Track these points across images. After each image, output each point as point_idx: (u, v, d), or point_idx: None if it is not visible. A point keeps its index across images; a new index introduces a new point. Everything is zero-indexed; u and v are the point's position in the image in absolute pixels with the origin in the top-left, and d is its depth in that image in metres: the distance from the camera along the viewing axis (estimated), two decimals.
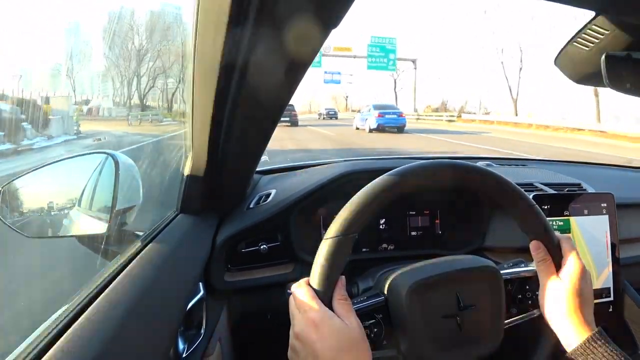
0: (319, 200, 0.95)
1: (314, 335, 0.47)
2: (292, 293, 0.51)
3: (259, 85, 0.54)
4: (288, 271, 0.92)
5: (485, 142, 12.33)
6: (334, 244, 0.49)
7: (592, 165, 1.56)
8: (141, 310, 0.50)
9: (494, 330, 0.56)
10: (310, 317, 0.47)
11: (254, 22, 0.43)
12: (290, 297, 0.51)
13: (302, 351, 0.47)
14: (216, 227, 0.86)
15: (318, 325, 0.47)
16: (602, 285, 0.97)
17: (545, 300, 0.55)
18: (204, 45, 0.49)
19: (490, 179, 0.55)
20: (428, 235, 1.02)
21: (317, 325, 0.47)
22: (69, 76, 15.85)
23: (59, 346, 0.40)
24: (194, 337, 0.71)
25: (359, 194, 0.51)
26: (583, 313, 0.52)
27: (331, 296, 0.50)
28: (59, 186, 0.67)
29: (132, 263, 0.58)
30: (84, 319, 0.44)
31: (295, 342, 0.49)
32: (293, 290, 0.51)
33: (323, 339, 0.46)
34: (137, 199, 0.69)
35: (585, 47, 0.57)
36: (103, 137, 7.84)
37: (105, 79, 18.19)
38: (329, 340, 0.46)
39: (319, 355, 0.46)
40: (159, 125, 11.86)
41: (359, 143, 11.96)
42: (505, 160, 1.40)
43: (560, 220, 0.95)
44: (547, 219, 0.57)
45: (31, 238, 0.65)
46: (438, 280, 0.56)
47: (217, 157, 0.71)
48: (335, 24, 0.44)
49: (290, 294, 0.51)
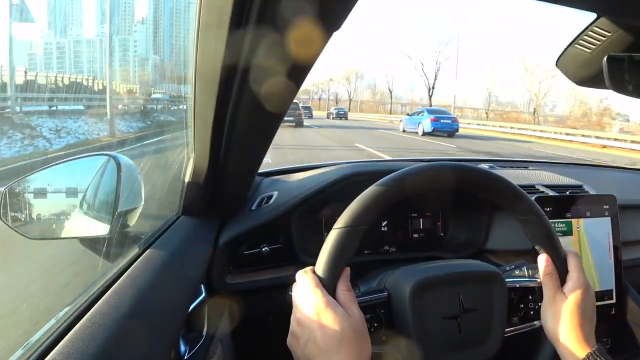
0: (321, 203, 0.95)
1: (315, 322, 0.46)
2: (297, 279, 0.51)
3: (260, 88, 0.54)
4: (290, 273, 0.91)
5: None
6: (342, 233, 0.50)
7: (594, 167, 1.56)
8: (143, 313, 0.50)
9: (494, 337, 0.56)
10: (314, 304, 0.47)
11: (255, 25, 0.44)
12: (293, 285, 0.51)
13: (303, 337, 0.47)
14: (218, 229, 0.86)
15: (320, 313, 0.47)
16: (604, 287, 0.97)
17: (547, 314, 0.56)
18: (205, 47, 0.49)
19: (508, 189, 0.55)
20: (430, 237, 1.02)
21: (319, 312, 0.47)
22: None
23: (61, 348, 0.40)
24: (195, 339, 0.71)
25: (371, 188, 0.52)
26: (584, 330, 0.53)
27: (335, 285, 0.50)
28: (61, 188, 0.67)
29: (134, 265, 0.58)
30: (85, 321, 0.44)
31: (296, 328, 0.48)
32: (298, 277, 0.51)
33: (325, 326, 0.46)
34: (139, 201, 0.70)
35: (587, 49, 0.57)
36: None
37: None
38: (330, 328, 0.46)
39: (319, 342, 0.46)
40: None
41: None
42: (506, 163, 1.40)
43: (562, 222, 0.94)
44: (556, 233, 0.57)
45: (33, 240, 0.65)
46: (442, 281, 0.56)
47: (218, 159, 0.71)
48: (337, 27, 0.44)
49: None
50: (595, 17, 0.53)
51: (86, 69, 47.22)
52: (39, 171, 0.63)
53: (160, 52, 58.48)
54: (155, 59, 50.30)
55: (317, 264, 0.50)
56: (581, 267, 0.56)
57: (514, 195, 0.55)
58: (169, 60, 53.92)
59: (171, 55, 58.79)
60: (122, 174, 0.64)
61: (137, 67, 48.71)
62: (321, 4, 0.41)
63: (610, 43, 0.54)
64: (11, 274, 1.02)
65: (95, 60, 39.35)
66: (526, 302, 0.61)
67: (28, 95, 7.51)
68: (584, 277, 0.55)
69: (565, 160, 2.10)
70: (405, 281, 0.55)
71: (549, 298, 0.56)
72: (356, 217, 0.50)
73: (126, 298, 0.50)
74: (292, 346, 0.49)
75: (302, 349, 0.47)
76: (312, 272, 0.50)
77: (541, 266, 0.57)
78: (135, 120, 7.80)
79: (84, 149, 4.59)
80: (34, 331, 0.45)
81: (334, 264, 0.49)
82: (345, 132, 17.74)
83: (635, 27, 0.51)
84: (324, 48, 0.47)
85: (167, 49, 59.50)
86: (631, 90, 0.52)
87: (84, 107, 8.35)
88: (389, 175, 0.53)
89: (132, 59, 51.02)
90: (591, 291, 0.56)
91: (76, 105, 8.34)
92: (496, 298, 0.57)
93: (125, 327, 0.45)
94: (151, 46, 58.40)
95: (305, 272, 0.51)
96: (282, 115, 0.64)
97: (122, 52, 49.24)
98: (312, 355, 0.46)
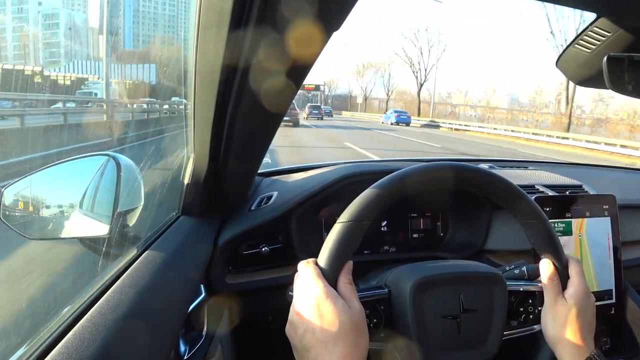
0: (321, 203, 0.95)
1: (315, 312, 0.46)
2: (299, 269, 0.51)
3: (260, 88, 0.54)
4: (289, 273, 0.91)
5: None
6: (346, 227, 0.50)
7: (594, 167, 1.56)
8: (143, 313, 0.50)
9: (492, 339, 0.56)
10: (314, 294, 0.47)
11: (255, 25, 0.44)
12: (295, 274, 0.52)
13: (301, 327, 0.47)
14: (218, 229, 0.86)
15: (321, 303, 0.47)
16: (604, 287, 0.97)
17: (547, 318, 0.56)
18: (205, 47, 0.49)
19: (514, 193, 0.56)
20: (429, 237, 1.02)
21: (319, 302, 0.47)
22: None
23: (61, 348, 0.40)
24: (195, 339, 0.71)
25: (374, 185, 0.52)
26: (583, 335, 0.53)
27: (337, 278, 0.50)
28: (60, 188, 0.67)
29: (133, 265, 0.58)
30: (85, 321, 0.44)
31: (295, 318, 0.48)
32: (300, 267, 0.51)
33: (324, 317, 0.46)
34: (138, 201, 0.69)
35: (587, 49, 0.57)
36: None
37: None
38: (330, 319, 0.46)
39: (317, 333, 0.46)
40: None
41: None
42: (506, 163, 1.40)
43: (562, 222, 0.94)
44: (558, 238, 0.57)
45: (33, 240, 0.65)
46: (444, 280, 0.56)
47: (218, 159, 0.71)
48: (337, 27, 0.44)
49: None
50: (595, 17, 0.53)
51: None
52: (39, 171, 0.63)
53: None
54: (71, 16, 27.92)
55: (320, 255, 0.50)
56: (583, 273, 0.57)
57: (514, 196, 0.56)
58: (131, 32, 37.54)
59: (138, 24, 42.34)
60: (121, 174, 0.64)
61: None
62: (321, 4, 0.41)
63: (610, 43, 0.54)
64: (11, 273, 1.02)
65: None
66: (526, 306, 0.61)
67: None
68: (585, 284, 0.56)
69: (565, 160, 2.10)
70: (407, 279, 0.56)
71: (550, 302, 0.56)
72: (360, 213, 0.50)
73: (126, 298, 0.50)
74: (290, 335, 0.49)
75: (300, 338, 0.47)
76: (314, 263, 0.50)
77: (543, 271, 0.57)
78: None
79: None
80: (34, 331, 0.45)
81: (336, 256, 0.49)
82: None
83: (635, 27, 0.51)
84: (324, 48, 0.47)
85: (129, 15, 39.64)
86: (631, 90, 0.52)
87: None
88: (391, 174, 0.53)
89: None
90: (591, 297, 0.56)
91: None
92: (496, 300, 0.57)
93: (125, 327, 0.45)
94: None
95: (307, 263, 0.51)
96: (282, 115, 0.64)
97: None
98: (309, 345, 0.46)
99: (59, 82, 9.70)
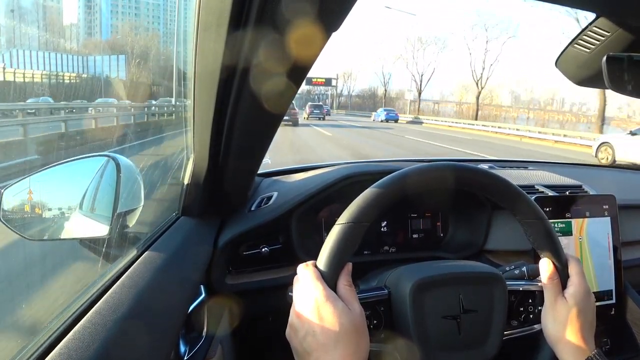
0: (321, 203, 0.95)
1: (315, 315, 0.46)
2: (298, 272, 0.51)
3: (260, 88, 0.54)
4: (290, 274, 0.91)
5: None
6: (345, 229, 0.50)
7: (594, 167, 1.56)
8: (142, 313, 0.50)
9: (493, 339, 0.56)
10: (314, 297, 0.47)
11: (255, 25, 0.44)
12: (295, 277, 0.51)
13: (302, 330, 0.47)
14: (218, 229, 0.86)
15: (320, 306, 0.46)
16: (604, 287, 0.97)
17: (547, 318, 0.56)
18: (205, 47, 0.49)
19: (513, 192, 0.56)
20: (429, 237, 1.02)
21: (319, 305, 0.46)
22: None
23: (61, 348, 0.40)
24: (195, 340, 0.71)
25: (374, 186, 0.52)
26: (584, 335, 0.53)
27: (337, 280, 0.50)
28: (60, 189, 0.67)
29: (133, 266, 0.58)
30: (85, 321, 0.44)
31: (295, 321, 0.48)
32: (299, 270, 0.51)
33: (325, 319, 0.46)
34: (138, 201, 0.69)
35: (586, 49, 0.57)
36: None
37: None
38: (330, 322, 0.46)
39: (318, 336, 0.45)
40: None
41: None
42: (506, 163, 1.40)
43: (561, 222, 0.94)
44: (558, 238, 0.57)
45: (32, 241, 0.65)
46: (444, 280, 0.56)
47: (218, 159, 0.71)
48: (336, 27, 0.44)
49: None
50: (594, 17, 0.53)
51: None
52: (39, 172, 0.63)
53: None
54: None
55: (319, 258, 0.50)
56: (583, 272, 0.57)
57: (514, 195, 0.56)
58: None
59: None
60: (121, 175, 0.64)
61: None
62: (320, 4, 0.41)
63: (609, 43, 0.54)
64: (11, 274, 1.02)
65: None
66: (526, 306, 0.61)
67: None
68: (585, 283, 0.56)
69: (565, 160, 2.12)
70: (407, 279, 0.56)
71: (550, 302, 0.56)
72: (359, 214, 0.50)
73: (126, 298, 0.50)
74: (291, 339, 0.49)
75: (301, 341, 0.47)
76: (313, 266, 0.50)
77: (543, 270, 0.57)
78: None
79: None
80: (34, 331, 0.45)
81: (335, 258, 0.49)
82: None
83: (635, 27, 0.51)
84: (323, 48, 0.48)
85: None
86: (630, 90, 0.52)
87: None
88: (391, 174, 0.53)
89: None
90: (592, 297, 0.56)
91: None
92: (496, 300, 0.57)
93: (125, 328, 0.45)
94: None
95: (306, 266, 0.50)
96: (282, 115, 0.64)
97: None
98: (310, 348, 0.46)
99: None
